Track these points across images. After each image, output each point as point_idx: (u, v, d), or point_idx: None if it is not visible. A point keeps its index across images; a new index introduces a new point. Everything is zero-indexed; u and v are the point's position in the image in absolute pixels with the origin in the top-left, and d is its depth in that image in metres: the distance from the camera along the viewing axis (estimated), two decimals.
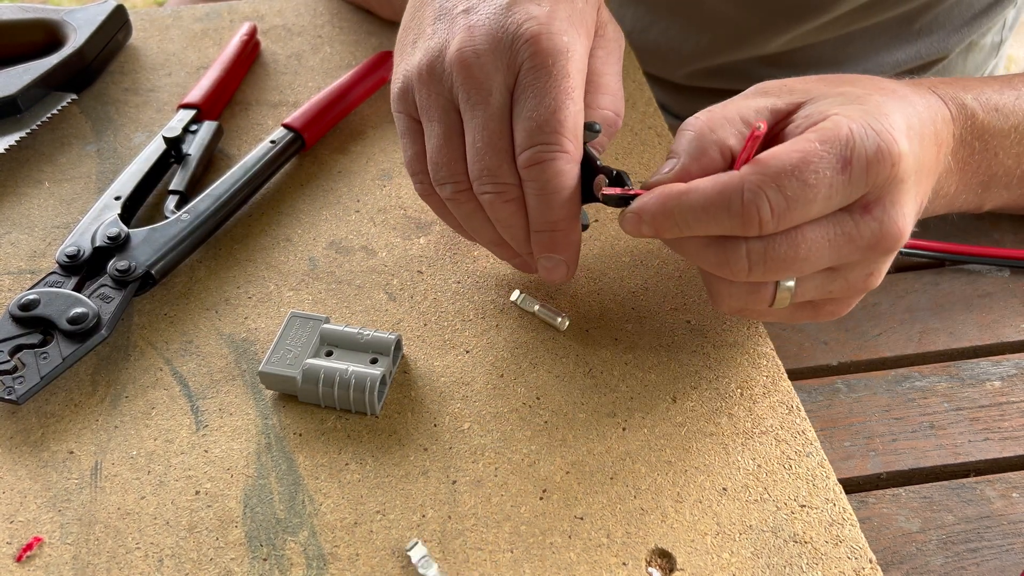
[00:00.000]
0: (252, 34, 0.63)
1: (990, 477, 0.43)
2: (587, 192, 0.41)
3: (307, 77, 0.62)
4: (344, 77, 0.59)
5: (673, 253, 0.49)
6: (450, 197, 0.41)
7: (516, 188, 0.39)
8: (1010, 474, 0.43)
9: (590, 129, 0.40)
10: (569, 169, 0.38)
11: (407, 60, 0.42)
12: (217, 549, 0.38)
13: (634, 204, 0.38)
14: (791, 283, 0.38)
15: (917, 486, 0.43)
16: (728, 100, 0.40)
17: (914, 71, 0.73)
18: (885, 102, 0.38)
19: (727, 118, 0.39)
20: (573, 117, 0.38)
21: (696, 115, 0.40)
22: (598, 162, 0.40)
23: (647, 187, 0.39)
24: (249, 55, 0.63)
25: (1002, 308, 0.51)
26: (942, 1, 0.69)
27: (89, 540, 0.38)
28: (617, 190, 0.40)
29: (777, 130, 0.40)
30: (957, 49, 0.73)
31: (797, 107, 0.39)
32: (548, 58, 0.38)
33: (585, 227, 0.43)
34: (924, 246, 0.53)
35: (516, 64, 0.38)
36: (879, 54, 0.71)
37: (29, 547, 0.37)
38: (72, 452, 0.41)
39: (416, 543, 0.37)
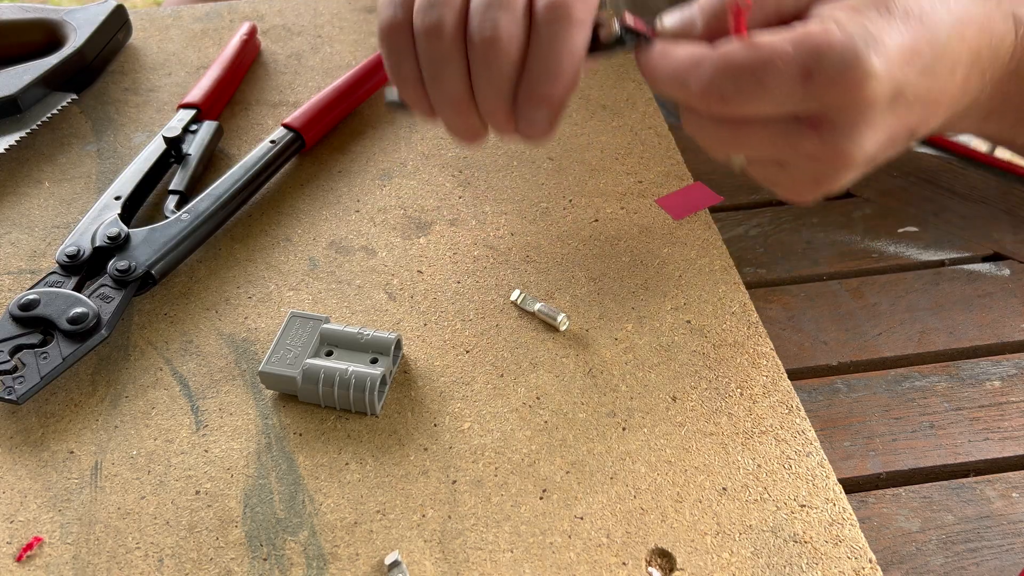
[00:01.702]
0: (252, 34, 0.63)
1: (990, 477, 0.43)
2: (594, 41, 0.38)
3: (307, 77, 0.62)
4: (344, 77, 0.59)
5: (673, 252, 0.49)
6: (433, 25, 0.37)
7: (524, 20, 0.36)
8: (1010, 474, 0.43)
9: None
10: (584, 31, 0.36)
11: None
12: (217, 549, 0.38)
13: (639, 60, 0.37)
14: (740, 156, 0.38)
15: (917, 486, 0.43)
16: None
17: None
18: (899, 19, 0.35)
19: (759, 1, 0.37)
20: None
21: None
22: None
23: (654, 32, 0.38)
24: (249, 55, 0.63)
25: (1002, 308, 0.51)
26: None
27: (89, 540, 0.38)
28: (631, 23, 0.38)
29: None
30: None
31: None
32: None
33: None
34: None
35: None
36: None
37: (29, 547, 0.37)
38: (72, 452, 0.41)
39: (398, 562, 0.37)
